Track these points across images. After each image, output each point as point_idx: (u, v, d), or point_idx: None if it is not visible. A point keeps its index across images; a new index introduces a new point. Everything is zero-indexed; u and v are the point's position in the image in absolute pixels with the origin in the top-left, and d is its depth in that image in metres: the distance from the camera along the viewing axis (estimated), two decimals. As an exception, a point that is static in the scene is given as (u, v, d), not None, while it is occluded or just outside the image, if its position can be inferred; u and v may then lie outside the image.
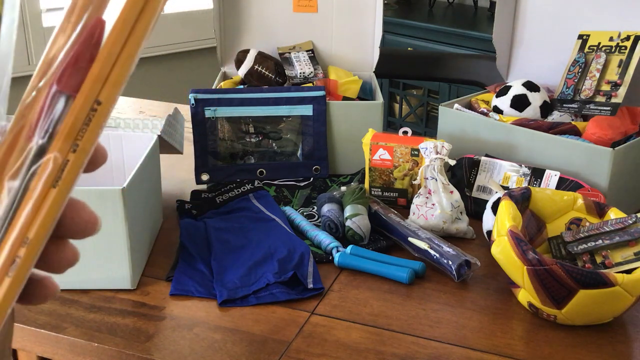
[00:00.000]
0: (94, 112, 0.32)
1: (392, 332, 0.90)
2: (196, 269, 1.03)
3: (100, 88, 0.32)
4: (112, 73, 0.32)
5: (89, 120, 0.32)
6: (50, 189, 0.32)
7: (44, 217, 0.32)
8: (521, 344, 0.88)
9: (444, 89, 2.99)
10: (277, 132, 1.33)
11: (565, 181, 1.12)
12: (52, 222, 0.32)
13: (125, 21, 0.31)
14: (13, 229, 0.32)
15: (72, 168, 0.32)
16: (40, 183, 0.32)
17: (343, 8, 1.51)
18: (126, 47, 0.32)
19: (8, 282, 0.32)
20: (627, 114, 1.26)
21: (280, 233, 1.10)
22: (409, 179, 1.22)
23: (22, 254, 0.32)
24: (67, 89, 0.32)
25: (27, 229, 0.32)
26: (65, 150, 0.32)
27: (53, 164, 0.32)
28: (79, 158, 0.32)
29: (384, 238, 1.11)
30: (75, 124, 0.32)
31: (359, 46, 1.53)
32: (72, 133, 0.32)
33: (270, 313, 0.93)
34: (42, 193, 0.32)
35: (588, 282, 0.83)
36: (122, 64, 0.32)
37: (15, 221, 0.32)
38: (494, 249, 0.93)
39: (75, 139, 0.32)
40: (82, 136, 0.32)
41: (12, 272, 0.32)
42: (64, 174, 0.32)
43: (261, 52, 1.46)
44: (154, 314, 0.93)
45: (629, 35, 1.26)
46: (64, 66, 0.32)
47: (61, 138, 0.32)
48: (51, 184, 0.32)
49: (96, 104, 0.32)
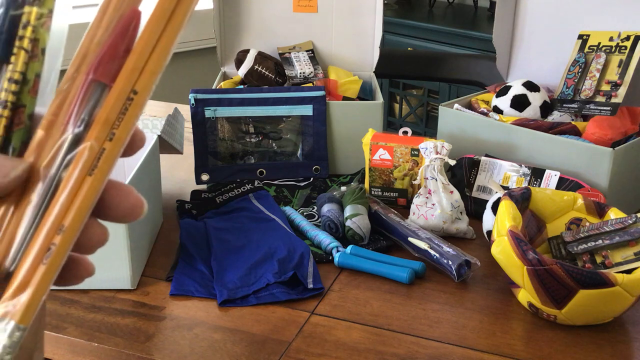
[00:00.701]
0: (130, 102, 0.32)
1: (392, 332, 0.90)
2: (196, 269, 1.03)
3: (136, 78, 0.32)
4: (148, 63, 0.32)
5: (125, 110, 0.32)
6: (86, 177, 0.32)
7: (79, 205, 0.32)
8: (521, 344, 0.88)
9: (444, 89, 2.99)
10: (277, 132, 1.33)
11: (565, 181, 1.12)
12: (87, 210, 0.33)
13: (162, 12, 0.32)
14: (48, 217, 0.32)
15: (108, 156, 0.32)
16: (76, 171, 0.32)
17: (343, 8, 1.51)
18: (162, 37, 0.32)
19: (43, 269, 0.32)
20: (627, 114, 1.26)
21: (280, 233, 1.10)
22: (409, 179, 1.22)
23: (57, 242, 0.32)
24: (103, 79, 0.32)
25: (62, 217, 0.32)
26: (102, 139, 0.32)
27: (89, 152, 0.32)
28: (115, 147, 0.32)
29: (384, 238, 1.11)
30: (112, 113, 0.32)
31: (359, 46, 1.53)
32: (108, 122, 0.32)
33: (270, 313, 0.93)
34: (77, 181, 0.32)
35: (588, 282, 0.83)
36: (159, 55, 0.32)
37: (51, 209, 0.32)
38: (494, 249, 0.93)
39: (112, 127, 0.32)
40: (119, 125, 0.32)
41: (47, 259, 0.32)
42: (100, 162, 0.32)
43: (261, 52, 1.46)
44: (154, 314, 0.93)
45: (629, 35, 1.26)
46: (100, 56, 0.32)
47: (97, 127, 0.32)
48: (87, 172, 0.32)
49: (132, 93, 0.32)
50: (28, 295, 0.32)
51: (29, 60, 0.33)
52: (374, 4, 1.50)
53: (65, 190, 0.32)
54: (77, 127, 0.33)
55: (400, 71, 2.04)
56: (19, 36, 0.33)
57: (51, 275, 0.32)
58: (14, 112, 0.33)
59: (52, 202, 0.32)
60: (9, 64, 0.33)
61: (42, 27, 0.33)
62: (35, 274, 0.32)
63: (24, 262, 0.32)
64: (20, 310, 0.32)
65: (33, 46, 0.33)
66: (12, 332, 0.32)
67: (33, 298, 0.32)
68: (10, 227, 0.33)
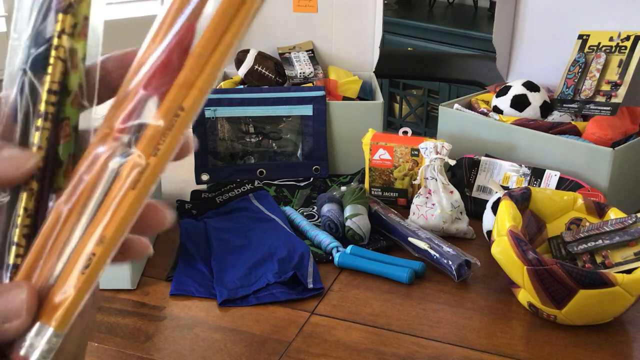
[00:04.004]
0: (176, 118, 0.32)
1: (392, 332, 0.90)
2: (196, 269, 1.03)
3: (185, 95, 0.32)
4: (197, 81, 0.32)
5: (172, 126, 0.32)
6: (129, 190, 0.32)
7: (121, 218, 0.32)
8: (521, 344, 0.88)
9: (444, 89, 2.99)
10: (277, 132, 1.33)
11: (565, 181, 1.12)
12: (128, 223, 0.33)
13: (215, 30, 0.31)
14: (93, 227, 0.33)
15: (152, 172, 0.32)
16: (120, 184, 0.32)
17: (343, 8, 1.51)
18: (213, 55, 0.32)
19: (82, 278, 0.32)
20: (627, 114, 1.26)
21: (280, 233, 1.10)
22: (409, 179, 1.22)
23: (97, 252, 0.32)
24: (154, 94, 0.32)
25: (105, 229, 0.33)
26: (147, 154, 0.32)
27: (134, 166, 0.32)
28: (159, 162, 0.32)
29: (384, 238, 1.11)
30: (158, 129, 0.32)
31: (359, 46, 1.53)
32: (154, 137, 0.32)
33: (270, 313, 0.93)
34: (122, 194, 0.32)
35: (588, 282, 0.83)
36: (208, 73, 0.32)
37: (96, 220, 0.33)
38: (494, 249, 0.93)
39: (158, 143, 0.32)
40: (164, 141, 0.32)
41: (87, 269, 0.32)
42: (143, 176, 0.32)
43: (261, 52, 1.46)
44: (154, 314, 0.93)
45: (629, 35, 1.26)
46: (153, 70, 0.32)
47: (144, 142, 0.32)
48: (131, 185, 0.32)
49: (180, 110, 0.32)
50: (66, 303, 0.32)
51: (68, 71, 0.33)
52: (374, 4, 1.50)
53: (109, 202, 0.33)
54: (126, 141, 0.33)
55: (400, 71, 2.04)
56: (55, 46, 0.33)
57: (89, 285, 0.33)
58: (58, 125, 0.33)
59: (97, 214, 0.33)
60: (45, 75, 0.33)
61: (79, 37, 0.33)
62: (75, 282, 0.32)
63: (66, 271, 0.33)
64: (58, 317, 0.32)
65: (71, 56, 0.33)
66: (50, 338, 0.32)
67: (71, 306, 0.32)
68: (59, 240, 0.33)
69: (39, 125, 0.33)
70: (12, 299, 0.32)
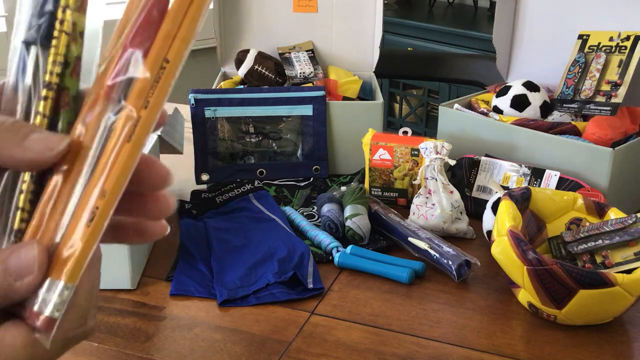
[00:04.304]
0: (162, 70, 0.34)
1: (392, 332, 0.90)
2: (196, 269, 1.03)
3: (168, 47, 0.34)
4: (179, 32, 0.34)
5: (159, 78, 0.34)
6: (124, 144, 0.34)
7: (119, 171, 0.34)
8: (521, 344, 0.88)
9: (444, 89, 2.99)
10: (277, 132, 1.33)
11: (565, 181, 1.12)
12: (127, 175, 0.35)
13: None
14: (93, 183, 0.35)
15: (144, 124, 0.34)
16: (115, 139, 0.34)
17: (343, 8, 1.51)
18: (192, 7, 0.34)
19: (88, 231, 0.34)
20: (627, 114, 1.26)
21: (280, 233, 1.10)
22: (409, 179, 1.22)
23: (100, 205, 0.34)
24: (138, 49, 0.34)
25: (105, 183, 0.34)
26: (138, 107, 0.34)
27: (126, 120, 0.34)
28: (150, 114, 0.34)
29: (384, 238, 1.11)
30: (146, 82, 0.34)
31: (359, 46, 1.53)
32: (143, 91, 0.34)
33: (270, 313, 0.93)
34: (118, 148, 0.34)
35: (588, 282, 0.83)
36: (189, 23, 0.34)
37: (94, 176, 0.35)
38: (494, 249, 0.93)
39: (147, 96, 0.34)
40: (153, 93, 0.34)
41: (91, 222, 0.34)
42: (137, 129, 0.34)
43: (261, 52, 1.46)
44: (154, 314, 0.93)
45: (629, 35, 1.26)
46: (135, 28, 0.34)
47: (133, 96, 0.34)
48: (126, 139, 0.34)
49: (165, 62, 0.34)
50: (75, 256, 0.34)
51: (69, 43, 0.35)
52: (374, 4, 1.50)
53: (106, 157, 0.34)
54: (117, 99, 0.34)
55: (400, 71, 2.04)
56: (60, 20, 0.35)
57: (95, 237, 0.35)
58: (59, 94, 0.35)
59: (95, 170, 0.35)
60: (50, 47, 0.35)
61: (79, 11, 0.35)
62: (81, 236, 0.34)
63: (71, 227, 0.35)
64: (68, 270, 0.34)
65: (72, 29, 0.35)
66: (61, 291, 0.34)
67: (79, 258, 0.34)
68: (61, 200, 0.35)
69: (43, 95, 0.35)
70: (23, 256, 0.34)
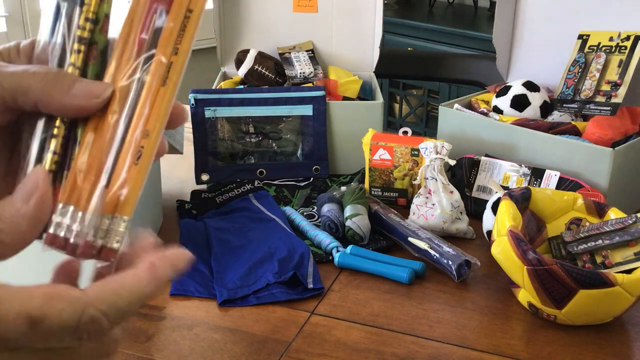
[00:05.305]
0: (187, 19, 0.38)
1: (392, 332, 0.90)
2: (196, 269, 1.03)
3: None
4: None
5: (184, 27, 0.38)
6: (160, 87, 0.38)
7: (158, 112, 0.38)
8: (521, 344, 0.88)
9: (444, 89, 3.00)
10: (277, 132, 1.33)
11: (565, 181, 1.12)
12: (166, 115, 0.38)
13: None
14: (135, 125, 0.38)
15: (175, 68, 0.38)
16: (151, 84, 0.38)
17: (343, 8, 1.51)
18: None
19: (136, 169, 0.38)
20: (627, 114, 1.26)
21: (280, 233, 1.10)
22: (409, 179, 1.22)
23: (145, 145, 0.38)
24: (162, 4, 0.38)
25: (146, 123, 0.38)
26: (168, 53, 0.38)
27: (159, 66, 0.38)
28: (179, 59, 0.38)
29: (384, 238, 1.11)
30: (173, 31, 0.38)
31: (359, 46, 1.53)
32: (171, 39, 0.38)
33: (270, 313, 0.93)
34: (154, 92, 0.38)
35: (588, 282, 0.83)
36: None
37: (137, 118, 0.38)
38: (494, 249, 0.93)
39: (175, 43, 0.38)
40: (180, 40, 0.38)
41: (139, 160, 0.38)
42: (169, 73, 0.38)
43: (261, 52, 1.46)
44: (154, 314, 0.93)
45: (629, 35, 1.26)
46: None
47: (163, 44, 0.38)
48: (160, 83, 0.38)
49: (188, 12, 0.38)
50: (127, 192, 0.38)
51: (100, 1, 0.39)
52: (374, 4, 1.50)
53: (145, 101, 0.38)
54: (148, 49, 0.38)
55: (400, 71, 2.04)
56: None
57: (144, 173, 0.38)
58: (89, 48, 0.39)
59: (135, 113, 0.38)
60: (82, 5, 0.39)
61: None
62: (131, 173, 0.37)
63: (117, 168, 0.38)
64: (124, 204, 0.38)
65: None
66: (118, 223, 0.38)
67: (131, 193, 0.38)
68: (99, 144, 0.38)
69: (76, 48, 0.39)
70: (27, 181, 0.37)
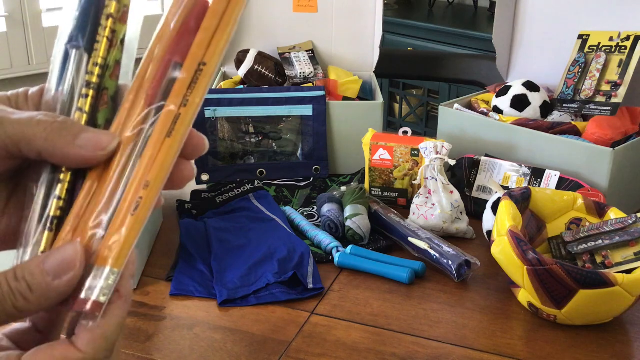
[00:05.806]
0: (200, 72, 0.38)
1: (392, 332, 0.90)
2: (196, 269, 1.03)
3: (204, 52, 0.38)
4: (213, 38, 0.38)
5: (196, 79, 0.38)
6: (165, 139, 0.37)
7: (161, 163, 0.37)
8: (521, 344, 0.88)
9: (444, 89, 2.99)
10: (277, 132, 1.33)
11: (565, 181, 1.12)
12: (168, 167, 0.38)
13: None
14: (137, 175, 0.37)
15: (184, 120, 0.38)
16: (157, 134, 0.37)
17: (343, 8, 1.51)
18: (225, 16, 0.38)
19: (132, 220, 0.37)
20: (627, 114, 1.26)
21: (280, 233, 1.10)
22: (409, 179, 1.22)
23: (143, 196, 0.37)
24: (177, 58, 0.38)
25: (147, 174, 0.37)
26: (177, 105, 0.38)
27: (167, 117, 0.38)
28: (188, 111, 0.38)
29: (384, 238, 1.11)
30: (185, 82, 0.38)
31: (359, 46, 1.53)
32: (182, 90, 0.38)
33: (270, 313, 0.93)
34: (158, 143, 0.37)
35: (588, 282, 0.83)
36: (222, 30, 0.38)
37: (139, 168, 0.37)
38: (494, 249, 0.93)
39: (185, 95, 0.38)
40: (191, 92, 0.38)
41: (135, 211, 0.37)
42: (177, 125, 0.38)
43: (261, 52, 1.46)
44: (154, 314, 0.93)
45: (629, 35, 1.26)
46: (173, 39, 0.38)
47: (174, 95, 0.38)
48: (166, 134, 0.37)
49: (202, 65, 0.38)
50: (120, 243, 0.36)
51: (111, 48, 0.39)
52: (374, 4, 1.50)
53: (148, 151, 0.37)
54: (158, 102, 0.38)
55: (400, 71, 2.04)
56: (103, 26, 0.39)
57: (140, 225, 0.37)
58: (98, 94, 0.39)
59: (139, 163, 0.38)
60: (92, 51, 0.39)
61: (120, 21, 0.40)
62: (126, 224, 0.36)
63: (115, 217, 0.37)
64: (114, 256, 0.36)
65: (113, 36, 0.39)
66: (107, 275, 0.36)
67: (124, 245, 0.36)
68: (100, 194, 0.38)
69: (84, 93, 0.39)
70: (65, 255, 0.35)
